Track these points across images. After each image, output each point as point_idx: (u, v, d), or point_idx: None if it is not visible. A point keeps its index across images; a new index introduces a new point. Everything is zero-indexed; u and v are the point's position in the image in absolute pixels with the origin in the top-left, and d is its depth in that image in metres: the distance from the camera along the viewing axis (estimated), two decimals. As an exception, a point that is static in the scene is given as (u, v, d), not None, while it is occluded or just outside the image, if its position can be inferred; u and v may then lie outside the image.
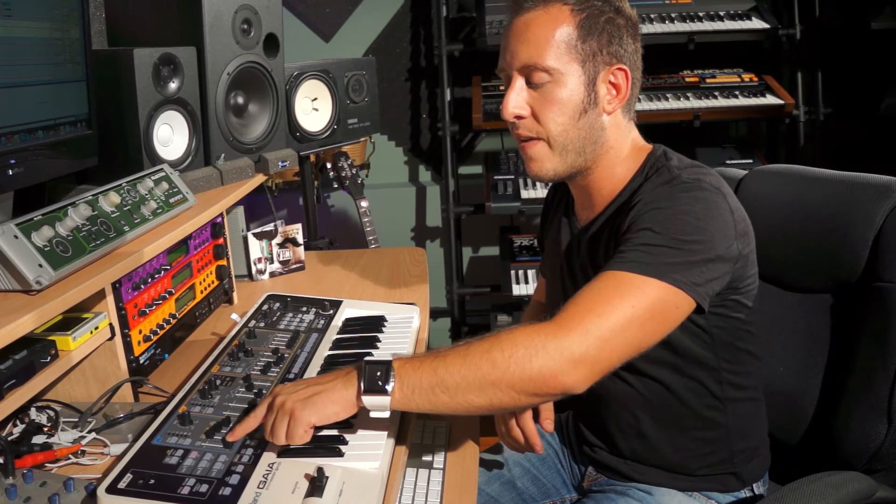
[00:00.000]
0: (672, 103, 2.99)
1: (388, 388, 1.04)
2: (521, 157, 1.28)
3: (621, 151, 1.27)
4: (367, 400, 1.05)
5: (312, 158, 2.68)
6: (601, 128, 1.24)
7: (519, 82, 1.22)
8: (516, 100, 1.22)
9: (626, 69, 1.22)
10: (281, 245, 2.07)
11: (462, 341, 1.08)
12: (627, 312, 1.04)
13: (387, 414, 1.07)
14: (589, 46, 1.19)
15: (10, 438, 1.18)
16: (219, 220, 1.77)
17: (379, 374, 1.05)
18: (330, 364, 1.38)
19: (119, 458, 1.09)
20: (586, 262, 1.29)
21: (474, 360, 1.03)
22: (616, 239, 1.17)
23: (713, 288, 1.12)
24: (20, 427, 1.22)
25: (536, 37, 1.19)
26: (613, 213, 1.25)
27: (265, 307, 1.59)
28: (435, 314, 3.59)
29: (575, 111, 1.21)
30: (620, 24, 1.22)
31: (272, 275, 2.07)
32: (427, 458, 1.34)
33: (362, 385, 1.05)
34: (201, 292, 1.69)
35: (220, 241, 1.78)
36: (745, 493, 1.32)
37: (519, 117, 1.23)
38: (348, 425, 1.17)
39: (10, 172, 1.26)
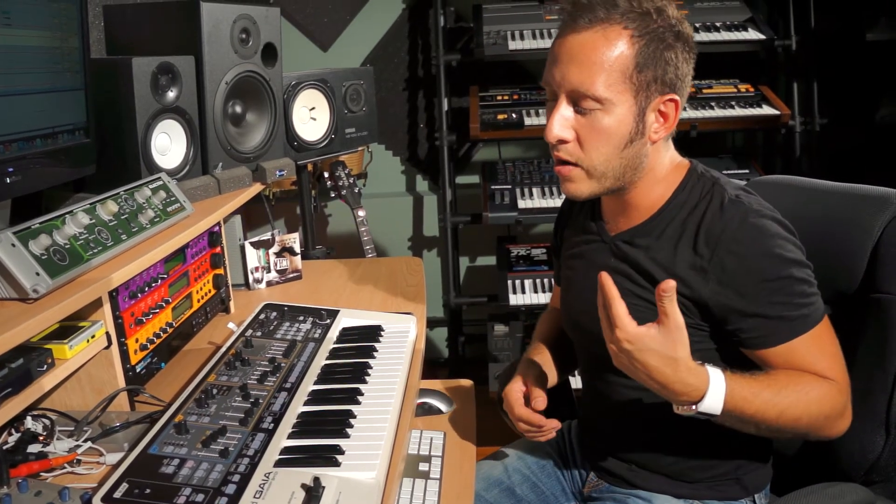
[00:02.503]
0: (669, 114, 2.99)
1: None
2: (556, 175, 1.26)
3: (661, 172, 1.25)
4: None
5: (310, 168, 2.68)
6: (644, 155, 1.21)
7: (566, 105, 1.18)
8: (562, 123, 1.18)
9: (677, 99, 1.18)
10: (278, 254, 2.07)
11: (772, 384, 1.14)
12: (841, 352, 1.20)
13: None
14: (644, 77, 1.14)
15: (5, 447, 1.17)
16: (216, 228, 1.77)
17: (695, 414, 1.13)
18: (327, 374, 1.38)
19: (115, 467, 1.09)
20: (629, 271, 1.27)
21: (784, 425, 1.15)
22: (707, 276, 1.18)
23: None
24: (15, 436, 1.21)
25: (591, 61, 1.13)
26: (669, 228, 1.23)
27: (262, 316, 1.59)
28: (432, 324, 3.59)
29: (621, 141, 1.17)
30: (678, 49, 1.16)
31: (269, 284, 2.06)
32: (423, 467, 1.34)
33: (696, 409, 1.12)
34: (198, 301, 1.69)
35: (217, 249, 1.78)
36: (745, 503, 1.32)
37: (562, 141, 1.19)
38: (347, 431, 1.17)
39: (8, 180, 1.26)
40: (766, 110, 3.00)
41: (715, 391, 1.09)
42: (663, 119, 1.19)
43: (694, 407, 1.10)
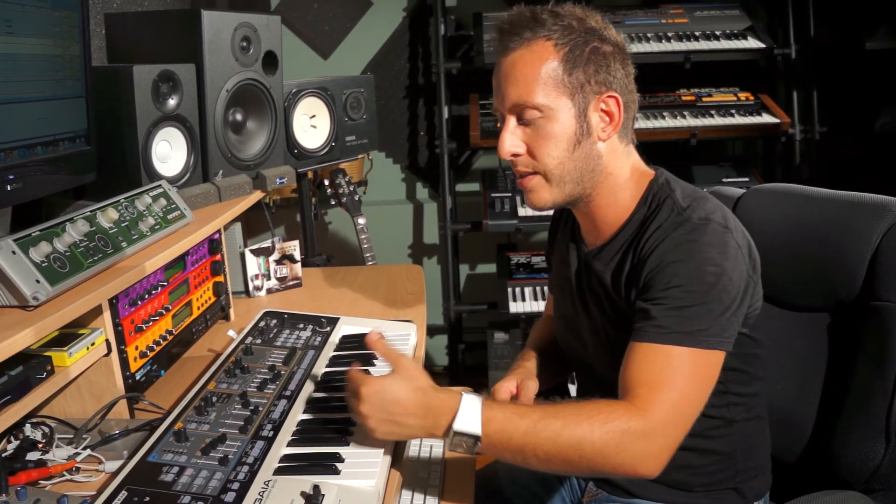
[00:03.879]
0: (669, 122, 3.01)
1: (475, 450, 1.10)
2: (520, 189, 1.29)
3: (621, 177, 1.26)
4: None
5: (310, 175, 2.68)
6: (598, 156, 1.24)
7: (511, 121, 1.23)
8: (511, 139, 1.23)
9: (616, 96, 1.22)
10: (278, 262, 2.07)
11: (552, 405, 1.11)
12: (688, 390, 1.10)
13: None
14: (576, 78, 1.19)
15: (4, 455, 1.17)
16: (216, 236, 1.77)
17: (464, 445, 1.10)
18: (326, 382, 1.38)
19: (114, 475, 1.09)
20: (598, 290, 1.29)
21: (563, 449, 1.07)
22: (634, 280, 1.19)
23: (738, 329, 1.16)
24: (14, 443, 1.21)
25: (523, 75, 1.20)
26: (624, 244, 1.25)
27: (262, 324, 1.59)
28: (432, 331, 3.59)
29: (569, 144, 1.21)
30: (607, 51, 1.22)
31: (269, 291, 2.07)
32: (423, 474, 1.33)
33: (445, 445, 1.11)
34: (198, 308, 1.69)
35: (218, 257, 1.78)
36: (744, 511, 1.31)
37: (515, 155, 1.24)
38: (346, 439, 1.17)
39: (9, 188, 1.26)
40: (766, 119, 3.01)
41: (468, 408, 1.10)
42: (609, 118, 1.23)
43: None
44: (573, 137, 1.21)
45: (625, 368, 1.13)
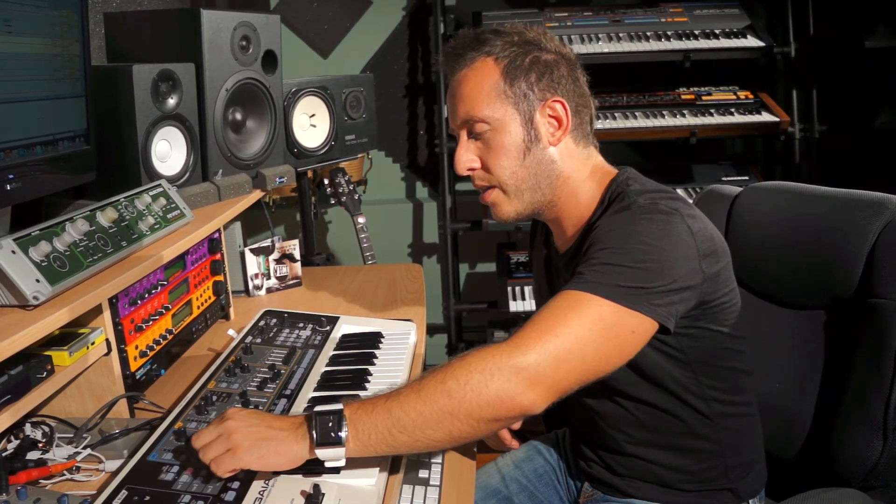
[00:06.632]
0: (668, 120, 3.01)
1: (342, 436, 1.02)
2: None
3: (579, 179, 1.28)
4: (322, 453, 1.03)
5: (310, 174, 2.68)
6: (550, 161, 1.26)
7: (464, 137, 1.28)
8: (466, 155, 1.28)
9: (562, 101, 1.24)
10: (278, 261, 2.07)
11: (416, 377, 1.08)
12: (584, 334, 1.05)
13: (342, 463, 1.04)
14: (518, 88, 1.23)
15: (4, 454, 1.17)
16: (216, 235, 1.77)
17: (331, 423, 1.03)
18: (327, 381, 1.38)
19: (114, 474, 1.09)
20: None
21: (429, 393, 1.03)
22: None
23: (677, 309, 1.11)
24: (14, 442, 1.21)
25: (468, 92, 1.25)
26: (581, 239, 1.25)
27: (262, 323, 1.59)
28: (431, 330, 3.59)
29: (519, 152, 1.24)
30: (548, 59, 1.25)
31: (269, 290, 2.07)
32: (423, 474, 1.33)
33: (314, 437, 1.02)
34: (198, 308, 1.69)
35: (217, 256, 1.78)
36: (739, 510, 1.32)
37: (472, 169, 1.28)
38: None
39: (9, 187, 1.26)
40: (766, 117, 3.01)
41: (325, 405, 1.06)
42: (557, 122, 1.26)
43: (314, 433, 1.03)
44: (522, 145, 1.24)
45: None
